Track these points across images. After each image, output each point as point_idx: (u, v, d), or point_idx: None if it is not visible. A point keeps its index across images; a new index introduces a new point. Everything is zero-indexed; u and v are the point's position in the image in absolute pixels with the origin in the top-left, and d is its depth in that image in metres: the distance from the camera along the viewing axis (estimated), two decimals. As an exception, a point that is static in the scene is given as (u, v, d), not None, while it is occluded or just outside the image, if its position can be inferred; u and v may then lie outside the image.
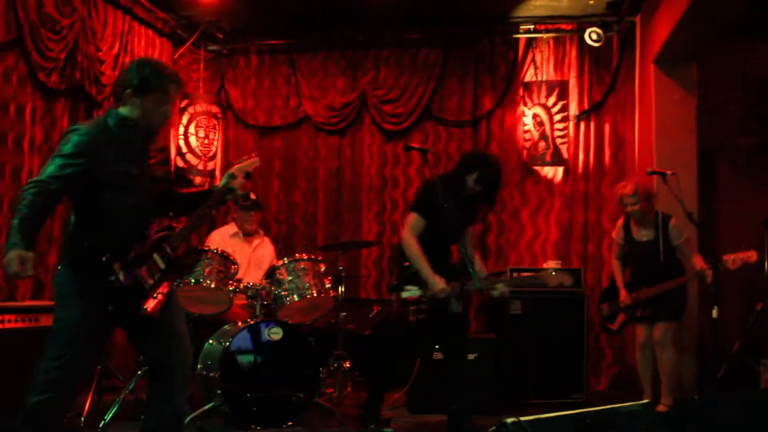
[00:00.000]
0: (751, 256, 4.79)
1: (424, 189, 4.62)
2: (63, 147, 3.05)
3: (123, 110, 3.18)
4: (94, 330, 3.08)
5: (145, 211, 3.22)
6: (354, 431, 4.54)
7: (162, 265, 3.19)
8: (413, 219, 4.46)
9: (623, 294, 5.44)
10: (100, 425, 4.41)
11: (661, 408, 5.13)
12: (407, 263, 4.43)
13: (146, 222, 3.22)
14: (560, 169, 7.09)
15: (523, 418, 2.71)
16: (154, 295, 3.12)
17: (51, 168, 2.99)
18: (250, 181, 5.52)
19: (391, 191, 7.41)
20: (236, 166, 3.49)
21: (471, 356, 5.52)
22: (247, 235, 5.90)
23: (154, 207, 3.30)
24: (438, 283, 4.31)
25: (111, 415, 4.48)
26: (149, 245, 3.18)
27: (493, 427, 2.73)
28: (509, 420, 2.69)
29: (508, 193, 7.14)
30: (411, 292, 4.38)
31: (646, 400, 3.19)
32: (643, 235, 5.42)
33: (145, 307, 3.09)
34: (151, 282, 3.13)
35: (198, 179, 7.52)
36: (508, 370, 5.71)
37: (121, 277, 3.04)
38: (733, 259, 4.79)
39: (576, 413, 2.86)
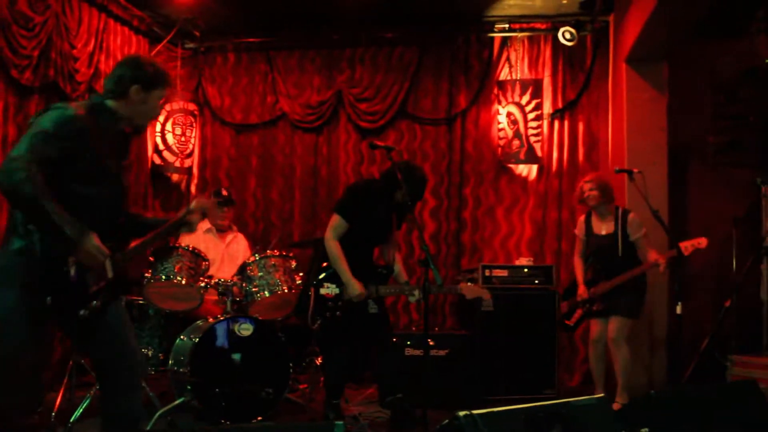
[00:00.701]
0: (701, 242, 5.00)
1: (349, 193, 4.79)
2: (45, 123, 2.79)
3: (111, 104, 3.03)
4: (33, 321, 2.83)
5: (112, 211, 3.07)
6: (302, 423, 4.56)
7: (110, 274, 2.97)
8: (336, 221, 4.61)
9: (581, 289, 5.54)
10: (70, 420, 4.44)
11: (616, 406, 5.19)
12: (326, 263, 4.60)
13: (111, 223, 3.05)
14: (534, 167, 7.15)
15: (475, 412, 2.73)
16: (94, 303, 2.91)
17: (30, 145, 2.73)
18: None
19: (367, 189, 7.43)
20: (196, 203, 3.34)
21: (442, 352, 5.60)
22: (221, 231, 5.93)
23: (121, 209, 3.15)
24: (355, 286, 4.51)
25: (81, 411, 4.49)
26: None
27: (446, 421, 2.75)
28: (461, 413, 2.71)
29: (483, 190, 7.20)
30: (329, 289, 4.56)
31: (601, 395, 3.20)
32: (602, 228, 5.52)
33: (82, 311, 2.88)
34: (95, 288, 2.92)
35: (175, 176, 7.55)
36: (479, 367, 5.76)
37: (72, 271, 2.83)
38: (686, 246, 5.00)
39: (528, 407, 2.87)
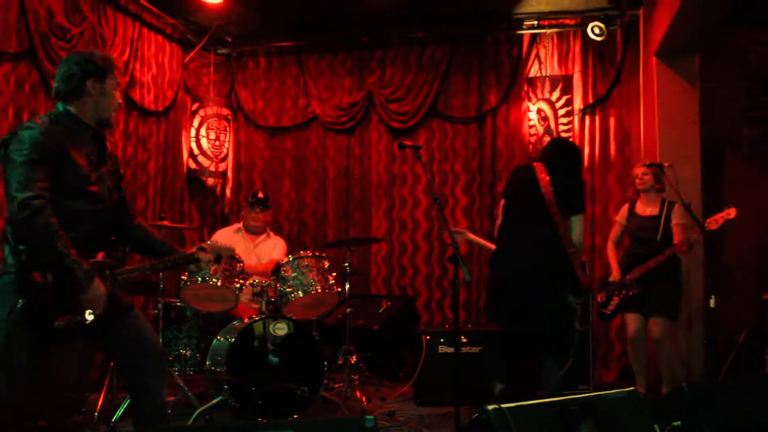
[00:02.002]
0: (730, 213, 4.92)
1: (583, 187, 4.62)
2: (24, 149, 2.72)
3: (73, 109, 2.97)
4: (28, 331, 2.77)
5: (106, 222, 3.00)
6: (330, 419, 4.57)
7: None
8: (583, 220, 4.44)
9: (616, 273, 5.47)
10: (112, 420, 4.55)
11: None
12: None
13: (106, 236, 3.00)
14: (566, 163, 7.11)
15: (504, 405, 2.75)
16: (71, 316, 2.80)
17: (26, 179, 2.68)
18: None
19: (399, 188, 7.50)
20: (211, 243, 3.34)
21: (475, 349, 5.61)
22: (252, 233, 6.02)
23: (112, 219, 3.06)
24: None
25: (122, 410, 4.60)
26: (92, 264, 2.87)
27: (475, 414, 2.78)
28: (490, 407, 2.73)
29: (515, 187, 7.20)
30: None
31: (632, 388, 3.20)
32: (646, 210, 5.48)
33: (57, 321, 2.78)
34: (71, 301, 2.80)
35: (210, 180, 7.68)
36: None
37: (48, 278, 2.75)
38: (714, 220, 4.92)
39: (559, 400, 2.89)
